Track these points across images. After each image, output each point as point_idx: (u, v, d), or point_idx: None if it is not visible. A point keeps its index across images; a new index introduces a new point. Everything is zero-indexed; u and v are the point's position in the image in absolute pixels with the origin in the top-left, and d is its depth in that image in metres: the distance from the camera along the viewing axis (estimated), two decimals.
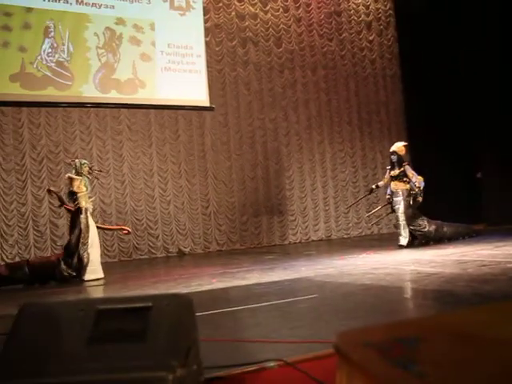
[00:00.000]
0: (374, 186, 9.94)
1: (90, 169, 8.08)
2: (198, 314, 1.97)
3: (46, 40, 11.10)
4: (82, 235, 7.53)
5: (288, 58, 13.65)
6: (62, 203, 7.91)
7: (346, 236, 13.71)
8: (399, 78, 14.94)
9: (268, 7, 13.55)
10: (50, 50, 11.09)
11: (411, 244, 8.97)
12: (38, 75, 10.95)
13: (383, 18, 14.99)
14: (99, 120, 11.55)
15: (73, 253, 7.46)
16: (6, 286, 7.18)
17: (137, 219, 11.64)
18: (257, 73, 13.31)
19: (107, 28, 11.67)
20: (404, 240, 8.97)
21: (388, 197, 9.46)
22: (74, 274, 7.41)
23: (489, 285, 4.61)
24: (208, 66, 12.64)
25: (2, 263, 9.18)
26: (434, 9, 13.67)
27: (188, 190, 12.23)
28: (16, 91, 10.76)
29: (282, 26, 13.64)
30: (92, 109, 11.49)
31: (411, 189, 9.11)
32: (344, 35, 14.38)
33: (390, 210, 9.54)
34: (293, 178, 13.38)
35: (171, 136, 12.24)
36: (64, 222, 10.92)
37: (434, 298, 4.32)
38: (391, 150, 9.39)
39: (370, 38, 14.77)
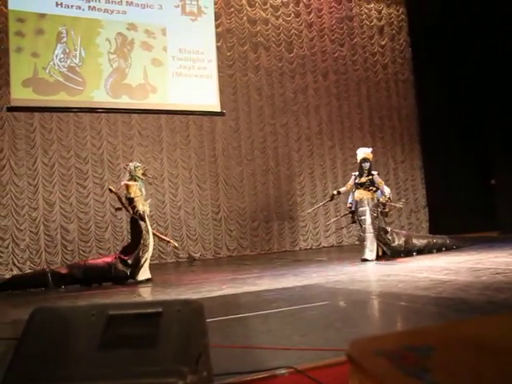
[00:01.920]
0: (335, 192, 9.31)
1: (144, 172, 8.14)
2: (208, 320, 1.97)
3: (59, 45, 11.21)
4: (144, 237, 7.63)
5: (299, 63, 13.67)
6: (122, 204, 8.04)
7: (357, 242, 13.65)
8: (412, 82, 14.90)
9: (279, 12, 13.59)
10: (62, 56, 11.20)
11: (377, 258, 8.45)
12: (50, 80, 11.05)
13: (395, 22, 14.97)
14: (110, 125, 11.62)
15: (131, 253, 7.57)
16: (66, 286, 7.38)
17: None
18: (268, 78, 13.34)
19: (119, 33, 11.76)
20: (370, 254, 8.39)
21: (349, 205, 8.95)
22: (129, 273, 7.53)
23: (503, 293, 4.57)
24: (219, 71, 12.68)
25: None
26: (447, 13, 13.63)
27: (199, 195, 12.26)
28: (28, 96, 10.87)
29: (293, 31, 13.67)
30: (103, 114, 11.57)
31: (377, 198, 8.66)
32: (356, 40, 14.38)
33: (350, 221, 9.05)
34: (304, 183, 13.37)
35: (182, 141, 12.28)
36: (75, 226, 10.99)
37: (447, 306, 4.29)
38: (362, 157, 8.89)
39: (382, 42, 14.75)
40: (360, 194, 8.71)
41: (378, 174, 9.01)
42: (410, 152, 14.76)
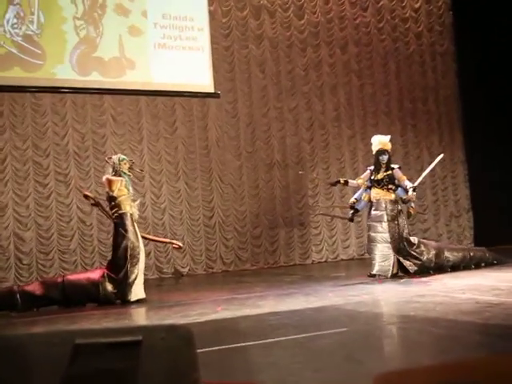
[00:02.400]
0: (341, 180, 9.26)
1: (131, 166, 8.21)
2: (199, 350, 1.96)
3: (11, 8, 11.20)
4: (131, 246, 7.63)
5: (312, 32, 13.66)
6: (104, 211, 8.13)
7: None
8: (452, 55, 14.89)
9: None
10: (15, 21, 11.19)
11: (395, 275, 8.39)
12: (0, 52, 11.05)
13: None
14: (77, 109, 11.62)
15: (120, 269, 7.58)
16: (40, 308, 7.41)
17: None
18: (273, 51, 13.33)
19: None
20: (383, 268, 8.38)
21: (353, 201, 9.02)
22: (118, 293, 7.55)
23: None
24: (212, 42, 12.68)
25: (38, 280, 9.51)
26: None
27: (187, 195, 12.26)
28: None
29: None
30: (68, 94, 11.57)
31: (399, 198, 8.66)
32: (382, 3, 14.37)
33: (349, 216, 9.13)
34: (317, 181, 13.37)
35: (167, 129, 12.28)
36: (33, 235, 10.99)
37: (497, 335, 4.28)
38: (379, 148, 8.92)
39: (416, 5, 14.74)
40: (377, 193, 8.73)
41: (400, 168, 9.05)
42: (449, 143, 14.75)
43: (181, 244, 9.11)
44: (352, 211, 9.07)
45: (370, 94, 14.10)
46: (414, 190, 8.65)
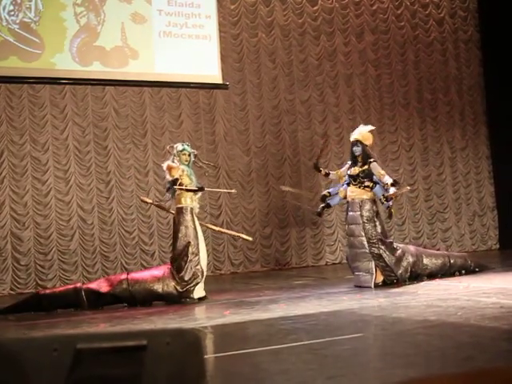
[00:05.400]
0: (323, 171, 8.98)
1: (196, 157, 8.40)
2: (207, 356, 1.96)
3: None
4: (192, 243, 7.87)
5: (325, 19, 13.63)
6: (163, 209, 8.63)
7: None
8: (477, 43, 14.81)
9: None
10: (11, 8, 11.21)
11: (379, 285, 8.11)
12: None
13: None
14: (77, 101, 11.64)
15: (181, 266, 7.78)
16: (108, 305, 7.66)
17: (126, 231, 11.70)
18: (284, 39, 13.30)
19: None
20: (370, 278, 8.11)
21: (326, 193, 8.82)
22: (182, 290, 7.72)
23: None
24: (220, 31, 12.67)
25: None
26: None
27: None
28: None
29: None
30: (68, 86, 11.59)
31: (373, 198, 8.36)
32: None
33: (318, 210, 8.95)
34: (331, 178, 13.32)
35: (172, 122, 12.29)
36: (31, 234, 11.03)
37: None
38: (354, 138, 8.66)
39: None
40: (352, 192, 8.44)
41: (376, 162, 8.61)
42: (473, 136, 14.68)
43: (250, 238, 9.23)
44: (322, 205, 8.85)
45: (388, 85, 14.05)
46: (394, 185, 8.25)
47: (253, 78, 12.98)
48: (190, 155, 8.23)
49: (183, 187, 7.88)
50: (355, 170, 8.45)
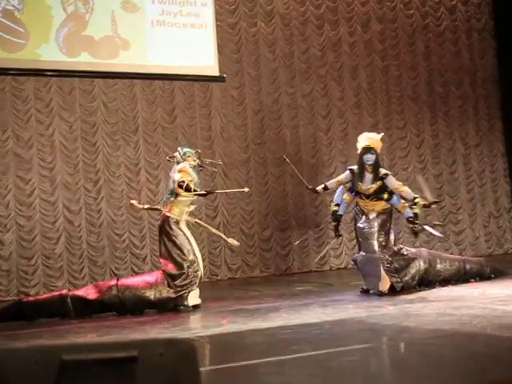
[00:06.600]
0: (319, 189, 8.72)
1: (199, 157, 8.43)
2: (202, 368, 1.95)
3: None
4: (187, 249, 7.94)
5: (329, 7, 13.64)
6: (158, 209, 8.67)
7: None
8: (491, 32, 14.82)
9: None
10: None
11: (385, 293, 7.99)
12: None
13: None
14: (64, 94, 11.63)
15: (178, 273, 7.82)
16: (96, 314, 7.63)
17: (116, 234, 11.69)
18: (285, 29, 13.31)
19: None
20: (378, 282, 8.05)
21: (335, 209, 8.48)
22: (174, 297, 7.74)
23: None
24: (217, 20, 12.67)
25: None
26: None
27: None
28: None
29: None
30: (54, 78, 11.58)
31: (389, 209, 8.26)
32: None
33: (335, 231, 8.68)
34: (335, 176, 13.32)
35: (165, 117, 12.29)
36: (13, 237, 11.01)
37: None
38: (366, 144, 8.37)
39: None
40: (365, 204, 8.31)
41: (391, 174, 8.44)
42: (487, 132, 14.69)
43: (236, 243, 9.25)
44: (335, 223, 8.58)
45: (396, 78, 14.05)
46: (415, 203, 8.09)
47: (251, 70, 12.98)
48: (193, 155, 8.28)
49: (192, 192, 7.91)
50: (369, 189, 8.21)
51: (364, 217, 8.30)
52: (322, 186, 8.78)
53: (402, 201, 8.28)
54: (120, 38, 11.95)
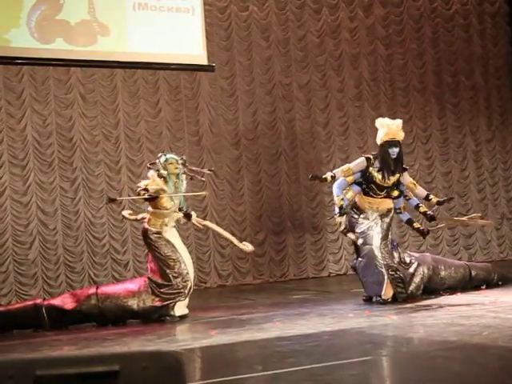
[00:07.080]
0: (328, 176, 8.53)
1: (184, 164, 8.39)
2: (189, 383, 1.96)
3: None
4: (173, 257, 7.96)
5: None
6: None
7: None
8: (506, 17, 14.85)
9: None
10: None
11: (388, 301, 8.06)
12: None
13: None
14: (37, 85, 11.61)
15: (163, 280, 7.86)
16: (73, 325, 7.66)
17: (95, 238, 11.67)
18: (280, 13, 13.31)
19: None
20: (380, 289, 8.05)
21: (341, 203, 8.23)
22: (160, 306, 7.77)
23: None
24: (205, 3, 12.66)
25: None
26: None
27: None
28: None
29: None
30: (26, 67, 11.56)
31: (392, 209, 8.42)
32: None
33: (342, 229, 8.67)
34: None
35: (149, 111, 12.27)
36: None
37: None
38: (391, 138, 8.39)
39: None
40: (370, 203, 8.39)
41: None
42: (500, 126, 14.72)
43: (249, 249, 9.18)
44: (342, 219, 8.52)
45: (401, 67, 14.08)
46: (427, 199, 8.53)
47: (243, 59, 12.98)
48: (177, 163, 8.21)
49: (138, 197, 8.00)
50: (388, 181, 8.29)
51: (362, 218, 8.37)
52: (331, 173, 8.61)
53: (403, 204, 8.51)
54: (98, 23, 11.92)
